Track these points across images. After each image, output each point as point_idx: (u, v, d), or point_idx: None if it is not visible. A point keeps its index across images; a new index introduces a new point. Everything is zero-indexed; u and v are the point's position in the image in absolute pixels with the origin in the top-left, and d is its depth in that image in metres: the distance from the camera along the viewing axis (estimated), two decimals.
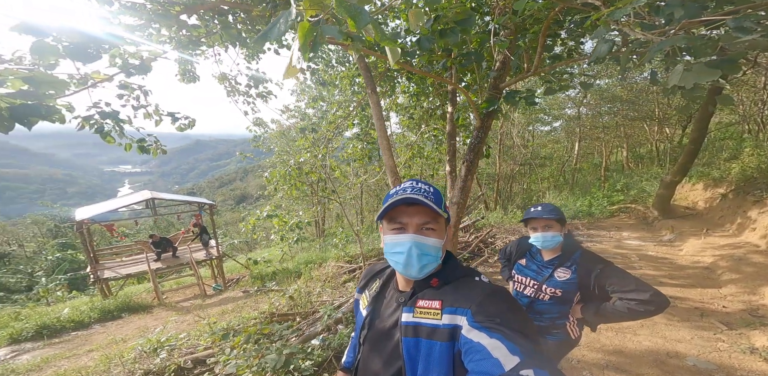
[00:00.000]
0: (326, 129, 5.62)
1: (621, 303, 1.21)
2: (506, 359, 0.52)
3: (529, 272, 1.46)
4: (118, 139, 3.15)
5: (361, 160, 6.03)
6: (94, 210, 7.10)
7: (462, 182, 3.60)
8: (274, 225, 6.85)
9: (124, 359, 2.62)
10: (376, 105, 4.00)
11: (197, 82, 4.54)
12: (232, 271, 8.31)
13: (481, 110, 3.29)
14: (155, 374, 2.41)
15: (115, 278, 6.53)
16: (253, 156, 8.69)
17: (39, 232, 25.22)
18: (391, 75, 4.78)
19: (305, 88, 5.45)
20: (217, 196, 66.24)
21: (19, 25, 1.99)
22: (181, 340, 2.84)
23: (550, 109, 13.77)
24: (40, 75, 1.36)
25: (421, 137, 7.03)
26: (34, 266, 15.61)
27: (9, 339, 4.13)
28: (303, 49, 1.11)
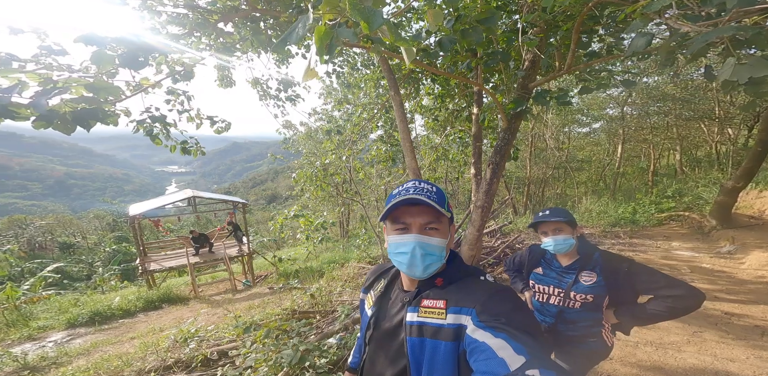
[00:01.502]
0: (351, 131, 5.72)
1: (657, 302, 1.16)
2: (512, 359, 0.51)
3: (550, 280, 1.39)
4: (165, 141, 3.46)
5: (385, 163, 6.07)
6: (145, 206, 7.81)
7: (487, 185, 3.48)
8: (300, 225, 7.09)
9: (159, 347, 2.84)
10: (399, 107, 4.01)
11: (234, 86, 4.85)
12: (261, 268, 8.71)
13: (508, 111, 3.17)
14: (184, 363, 2.58)
15: (160, 270, 7.11)
16: (283, 157, 9.08)
17: (99, 225, 28.31)
18: (416, 77, 4.76)
19: (331, 91, 5.61)
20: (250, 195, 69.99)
21: (82, 37, 2.23)
22: (209, 332, 3.03)
23: (588, 110, 12.89)
24: (99, 82, 1.49)
25: (446, 139, 6.92)
26: (94, 257, 17.50)
27: (66, 324, 4.61)
28: (319, 52, 1.14)
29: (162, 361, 2.61)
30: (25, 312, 5.16)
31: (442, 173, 10.63)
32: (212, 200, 9.02)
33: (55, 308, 5.47)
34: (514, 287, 1.62)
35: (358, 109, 5.68)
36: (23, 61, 2.71)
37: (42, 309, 5.51)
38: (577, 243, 1.34)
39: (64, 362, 3.16)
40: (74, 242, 24.73)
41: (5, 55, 2.67)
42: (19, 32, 2.83)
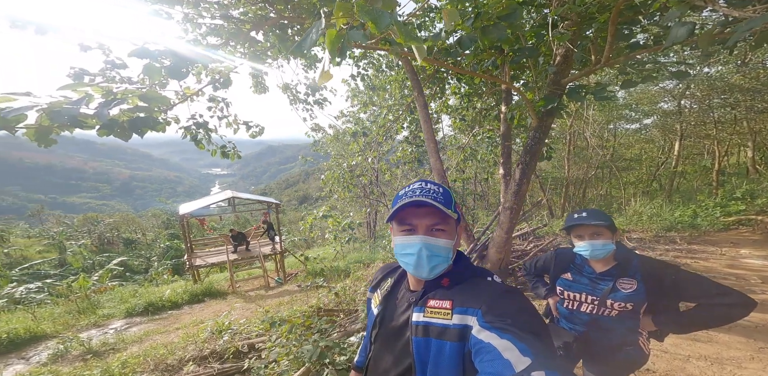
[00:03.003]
0: (376, 133, 5.77)
1: (703, 310, 1.11)
2: (517, 360, 0.51)
3: (581, 287, 1.32)
4: (207, 145, 3.78)
5: (411, 164, 6.04)
6: (192, 206, 8.52)
7: (516, 186, 3.34)
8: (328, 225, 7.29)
9: (198, 338, 3.09)
10: (423, 107, 3.97)
11: (267, 92, 5.13)
12: (292, 266, 9.09)
13: (538, 109, 3.02)
14: (218, 354, 2.78)
15: (203, 265, 7.71)
16: (313, 159, 9.40)
17: (156, 223, 31.49)
18: (440, 76, 4.69)
19: (357, 94, 5.71)
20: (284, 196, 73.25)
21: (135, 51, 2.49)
22: (242, 326, 3.22)
23: (638, 105, 11.72)
24: (151, 93, 1.64)
25: (474, 139, 6.71)
26: (151, 252, 19.48)
27: (125, 313, 5.14)
28: (332, 55, 1.19)
29: (199, 351, 2.83)
30: (93, 301, 5.81)
31: (470, 174, 10.31)
32: (249, 200, 9.61)
33: (117, 298, 6.12)
34: (535, 293, 1.56)
35: (383, 110, 5.72)
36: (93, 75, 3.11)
37: (107, 298, 6.18)
38: (615, 249, 1.26)
39: (121, 348, 3.55)
40: (136, 238, 27.76)
41: (79, 71, 3.09)
42: (88, 49, 3.26)
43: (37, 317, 4.95)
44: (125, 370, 2.58)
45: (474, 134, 6.47)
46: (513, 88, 3.28)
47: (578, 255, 1.32)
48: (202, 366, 2.68)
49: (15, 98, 1.26)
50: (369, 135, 5.75)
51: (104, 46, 3.35)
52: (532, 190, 13.84)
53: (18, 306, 7.01)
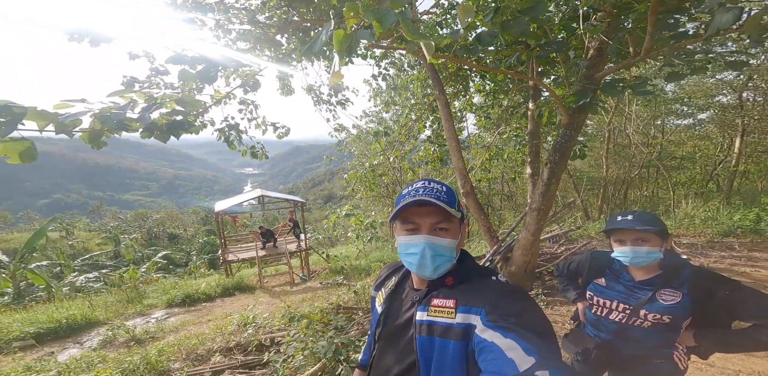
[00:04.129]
0: (398, 132, 5.74)
1: (761, 332, 1.01)
2: (521, 360, 0.50)
3: (614, 294, 1.24)
4: (238, 146, 3.99)
5: (433, 163, 5.94)
6: (226, 204, 9.06)
7: (544, 186, 3.19)
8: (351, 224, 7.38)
9: (225, 330, 3.26)
10: (444, 106, 3.88)
11: (293, 94, 5.30)
12: (316, 263, 9.33)
13: (569, 105, 2.84)
14: (242, 346, 2.92)
15: (235, 261, 8.16)
16: (337, 159, 9.55)
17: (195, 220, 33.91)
18: (464, 74, 4.55)
19: (378, 94, 5.72)
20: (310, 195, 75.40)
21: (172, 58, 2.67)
22: (265, 320, 3.36)
23: (690, 99, 10.58)
24: (185, 97, 1.74)
25: (500, 138, 6.45)
26: (191, 247, 20.98)
27: (166, 303, 5.53)
28: (340, 55, 1.20)
29: (226, 343, 2.99)
30: (140, 291, 6.29)
31: (497, 173, 9.93)
32: (277, 198, 10.02)
33: (160, 289, 6.58)
34: (565, 296, 1.51)
35: (405, 110, 5.68)
36: (141, 82, 3.40)
37: (152, 289, 6.66)
38: (663, 257, 1.15)
39: (159, 336, 3.83)
40: (178, 233, 30.06)
41: (130, 79, 3.38)
42: (136, 57, 3.57)
43: (92, 304, 5.44)
44: (161, 358, 2.78)
45: (500, 133, 6.23)
46: (541, 85, 3.12)
47: (617, 260, 1.22)
48: (228, 357, 2.82)
49: (72, 104, 1.38)
50: (391, 134, 5.73)
51: (149, 54, 3.65)
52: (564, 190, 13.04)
53: (78, 294, 7.83)
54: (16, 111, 1.23)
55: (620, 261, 1.20)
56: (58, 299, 6.69)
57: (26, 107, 1.26)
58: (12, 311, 5.48)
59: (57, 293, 7.95)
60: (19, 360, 2.88)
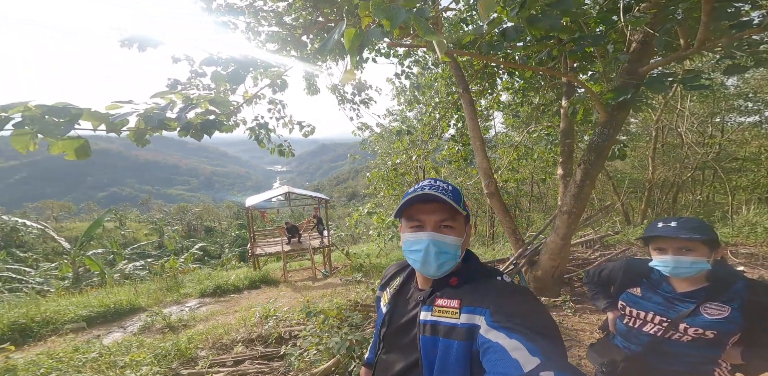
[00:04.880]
0: (421, 131, 5.65)
1: None
2: (526, 360, 0.50)
3: (651, 306, 1.17)
4: (267, 144, 4.15)
5: (457, 163, 5.78)
6: (256, 199, 9.50)
7: (577, 188, 3.02)
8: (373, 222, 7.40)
9: (248, 322, 3.42)
10: (468, 104, 3.76)
11: (319, 93, 5.40)
12: (339, 260, 9.49)
13: (607, 102, 2.64)
14: (263, 338, 3.04)
15: (262, 255, 8.54)
16: (361, 157, 9.62)
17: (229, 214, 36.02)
18: (490, 71, 4.36)
19: (401, 93, 5.66)
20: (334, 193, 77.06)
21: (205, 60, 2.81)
22: (285, 313, 3.48)
23: (756, 94, 9.35)
24: (218, 98, 1.84)
25: (530, 137, 6.13)
26: (224, 239, 22.32)
27: (199, 293, 5.86)
28: (350, 54, 1.19)
29: (248, 334, 3.13)
30: (178, 280, 6.71)
31: (526, 174, 9.46)
32: (302, 195, 10.33)
33: (195, 279, 6.99)
34: (594, 304, 1.42)
35: (428, 108, 5.57)
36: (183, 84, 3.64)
37: (188, 279, 7.10)
38: (711, 268, 1.06)
39: (191, 325, 4.08)
40: (213, 226, 32.11)
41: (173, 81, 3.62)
42: (178, 61, 3.82)
43: (137, 291, 5.90)
44: (190, 345, 2.97)
45: (529, 131, 5.92)
46: (575, 81, 2.90)
47: (656, 270, 1.14)
48: (249, 348, 2.95)
49: (121, 106, 1.50)
50: (414, 133, 5.65)
51: (189, 57, 3.89)
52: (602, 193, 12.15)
53: (126, 281, 8.59)
54: (73, 112, 1.35)
55: (660, 271, 1.12)
56: (109, 284, 7.37)
57: (82, 109, 1.38)
58: (70, 294, 6.10)
59: (109, 279, 8.80)
60: (70, 341, 3.21)
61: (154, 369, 2.32)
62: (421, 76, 5.25)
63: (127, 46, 3.19)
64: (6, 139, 1.44)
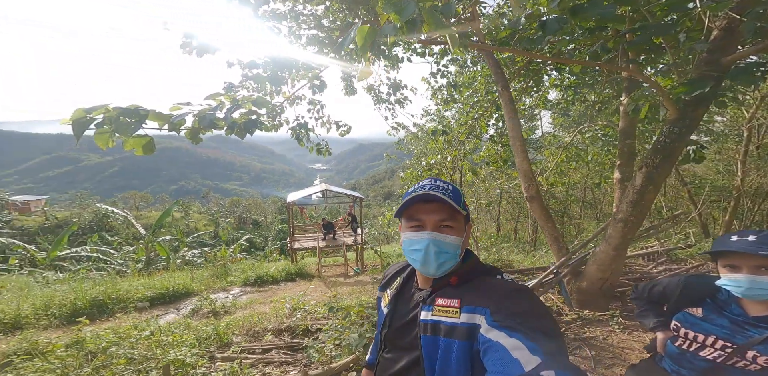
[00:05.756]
0: (457, 131, 5.44)
1: None
2: (526, 360, 0.50)
3: (712, 328, 1.07)
4: (306, 143, 4.35)
5: (496, 164, 5.47)
6: (296, 195, 10.03)
7: (636, 194, 2.75)
8: None
9: (280, 312, 3.60)
10: (508, 103, 3.52)
11: (356, 94, 5.49)
12: (370, 258, 9.59)
13: (678, 97, 2.31)
14: (291, 329, 3.19)
15: (300, 249, 8.98)
16: (397, 157, 9.59)
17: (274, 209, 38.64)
18: (535, 68, 4.02)
19: (437, 92, 5.49)
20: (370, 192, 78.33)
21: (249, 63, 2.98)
22: (313, 307, 3.62)
23: None
24: (260, 99, 1.94)
25: (582, 137, 5.57)
26: (268, 233, 23.95)
27: (242, 282, 6.00)
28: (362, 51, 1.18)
29: (278, 324, 3.30)
30: (227, 269, 7.25)
31: (578, 178, 8.61)
32: (338, 193, 10.65)
33: (241, 269, 7.54)
34: (641, 322, 1.32)
35: (466, 107, 5.34)
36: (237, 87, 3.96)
37: (235, 268, 7.65)
38: None
39: (231, 311, 4.38)
40: (260, 220, 34.69)
41: (228, 84, 3.96)
42: (232, 65, 4.16)
43: (193, 277, 6.51)
44: (227, 331, 3.21)
45: (581, 131, 5.37)
46: (638, 75, 2.55)
47: (724, 289, 1.05)
48: (278, 338, 3.12)
49: (181, 107, 1.67)
50: (450, 133, 5.46)
51: (242, 62, 4.21)
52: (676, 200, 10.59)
53: (186, 266, 9.63)
54: (141, 113, 1.52)
55: (729, 291, 1.02)
56: (172, 269, 8.32)
57: (148, 110, 1.56)
58: (141, 276, 6.98)
59: (172, 264, 9.95)
60: (132, 319, 3.67)
61: (193, 350, 2.55)
62: (459, 75, 5.05)
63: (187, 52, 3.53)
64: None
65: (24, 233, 21.01)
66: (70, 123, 1.42)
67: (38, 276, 8.05)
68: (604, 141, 5.27)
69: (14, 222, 23.16)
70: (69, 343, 2.46)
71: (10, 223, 20.97)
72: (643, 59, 3.23)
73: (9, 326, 3.53)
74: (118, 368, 2.18)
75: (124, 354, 2.33)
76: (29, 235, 20.34)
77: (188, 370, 2.29)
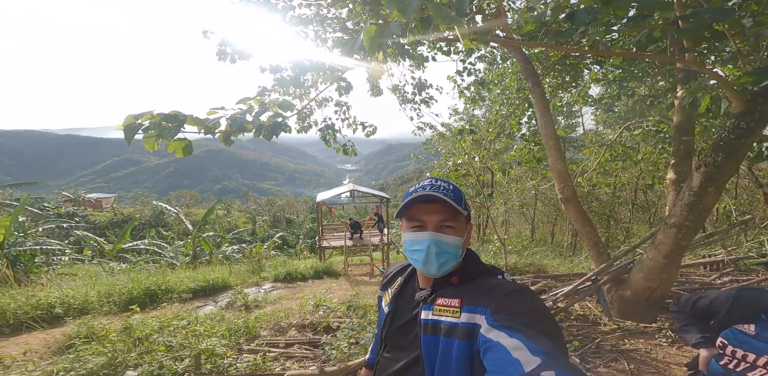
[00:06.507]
0: (486, 130, 5.22)
1: None
2: (526, 360, 0.49)
3: (765, 347, 0.99)
4: (333, 144, 4.46)
5: (529, 164, 5.17)
6: (325, 195, 10.32)
7: (692, 197, 2.53)
8: None
9: (304, 309, 3.72)
10: (540, 99, 3.31)
11: (382, 94, 5.51)
12: (396, 258, 9.57)
13: (744, 88, 2.07)
14: (314, 325, 3.27)
15: (328, 247, 9.22)
16: (424, 158, 9.46)
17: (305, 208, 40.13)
18: (572, 62, 3.73)
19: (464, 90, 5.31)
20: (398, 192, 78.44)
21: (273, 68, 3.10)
22: (336, 305, 3.69)
23: None
24: (285, 102, 2.01)
25: (630, 134, 5.08)
26: (300, 231, 24.90)
27: (273, 278, 6.29)
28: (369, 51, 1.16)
29: (302, 320, 3.41)
30: (261, 265, 7.56)
31: (625, 178, 7.86)
32: (365, 193, 10.76)
33: (273, 265, 7.87)
34: (682, 337, 1.27)
35: (495, 105, 5.11)
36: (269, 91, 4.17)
37: (268, 264, 7.98)
38: None
39: (262, 305, 4.59)
40: (293, 218, 36.20)
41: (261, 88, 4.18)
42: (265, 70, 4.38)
43: (231, 271, 6.93)
44: (256, 324, 3.38)
45: (628, 128, 4.88)
46: (696, 66, 2.27)
47: None
48: (301, 333, 3.22)
49: (216, 112, 1.78)
50: (477, 132, 5.26)
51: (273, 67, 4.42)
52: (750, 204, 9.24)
53: (226, 261, 10.33)
54: (180, 118, 1.65)
55: None
56: (214, 263, 8.98)
57: (186, 115, 1.68)
58: (187, 269, 7.61)
59: (214, 259, 10.74)
60: (175, 309, 3.99)
61: (223, 341, 2.72)
62: (488, 72, 4.85)
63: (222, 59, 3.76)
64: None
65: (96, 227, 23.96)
66: (122, 128, 1.57)
67: (105, 266, 9.12)
68: (658, 138, 4.77)
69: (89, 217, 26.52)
70: (120, 329, 2.75)
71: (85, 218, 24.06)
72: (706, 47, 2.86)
73: (77, 310, 4.02)
74: (158, 355, 2.38)
75: (163, 342, 2.55)
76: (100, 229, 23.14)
77: (216, 360, 2.45)
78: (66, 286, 4.89)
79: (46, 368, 2.25)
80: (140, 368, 2.24)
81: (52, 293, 4.26)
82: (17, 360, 2.41)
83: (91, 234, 15.16)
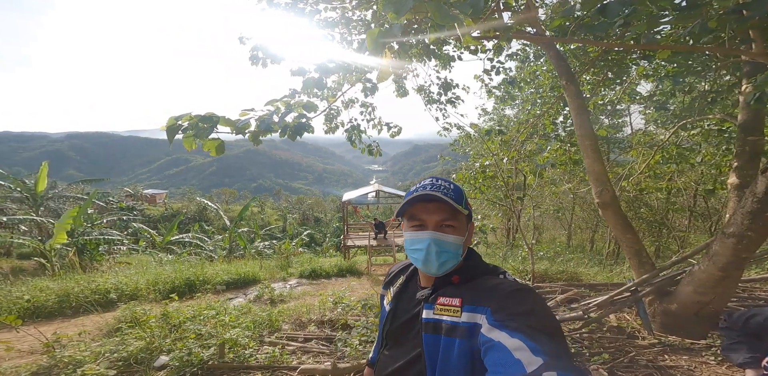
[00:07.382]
0: (516, 130, 4.96)
1: None
2: (528, 360, 0.49)
3: None
4: (359, 144, 4.52)
5: (563, 166, 4.84)
6: (351, 195, 10.51)
7: (756, 204, 2.33)
8: None
9: (324, 306, 3.80)
10: (574, 98, 3.10)
11: (408, 95, 5.48)
12: None
13: None
14: (332, 322, 3.34)
15: (352, 246, 9.36)
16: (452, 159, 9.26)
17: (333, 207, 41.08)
18: (615, 57, 3.43)
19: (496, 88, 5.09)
20: None
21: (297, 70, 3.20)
22: (353, 302, 3.75)
23: None
24: (309, 103, 2.09)
25: (688, 134, 4.57)
26: (327, 229, 25.55)
27: (299, 274, 6.37)
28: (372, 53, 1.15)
29: (321, 316, 3.48)
30: (289, 261, 7.94)
31: (682, 182, 7.09)
32: (391, 194, 10.77)
33: (300, 262, 8.19)
34: (727, 355, 1.19)
35: (527, 104, 4.85)
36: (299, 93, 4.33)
37: (296, 261, 8.34)
38: None
39: (286, 300, 4.74)
40: (321, 217, 37.23)
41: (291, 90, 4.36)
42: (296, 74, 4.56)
43: (261, 266, 7.26)
44: (279, 318, 3.49)
45: (684, 127, 4.39)
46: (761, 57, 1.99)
47: None
48: (320, 329, 3.29)
49: (248, 113, 1.88)
50: (507, 133, 5.02)
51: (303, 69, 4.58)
52: None
53: (258, 256, 10.89)
54: (214, 119, 1.76)
55: None
56: (247, 257, 9.50)
57: (219, 116, 1.78)
58: (223, 262, 8.12)
59: (248, 253, 11.38)
60: (208, 300, 4.23)
61: (246, 332, 2.85)
62: (519, 71, 4.62)
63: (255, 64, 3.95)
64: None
65: (150, 220, 26.47)
66: (165, 129, 1.71)
67: (155, 256, 10.03)
68: (721, 138, 4.25)
69: (145, 211, 29.43)
70: (159, 316, 2.99)
71: (142, 211, 26.70)
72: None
73: (128, 296, 4.44)
74: (189, 342, 2.56)
75: (194, 330, 2.74)
76: (153, 222, 25.51)
77: (239, 349, 2.58)
78: (121, 273, 5.44)
79: (95, 349, 2.51)
80: (172, 354, 2.42)
81: (109, 279, 4.75)
82: (73, 340, 2.71)
83: (146, 227, 16.77)
